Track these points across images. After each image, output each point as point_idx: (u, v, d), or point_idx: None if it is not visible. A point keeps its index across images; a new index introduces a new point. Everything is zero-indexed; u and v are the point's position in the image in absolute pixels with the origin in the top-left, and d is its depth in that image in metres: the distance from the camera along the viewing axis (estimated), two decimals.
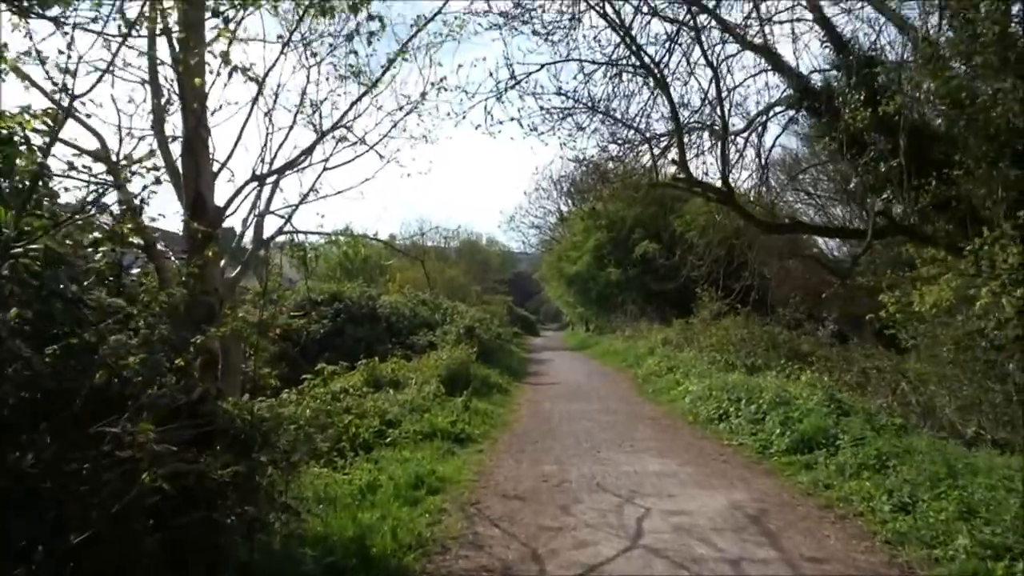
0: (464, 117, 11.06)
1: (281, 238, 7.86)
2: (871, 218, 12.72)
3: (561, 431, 11.72)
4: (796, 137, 22.36)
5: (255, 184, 6.69)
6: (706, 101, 14.78)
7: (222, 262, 6.50)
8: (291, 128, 7.44)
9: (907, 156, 12.54)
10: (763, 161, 16.85)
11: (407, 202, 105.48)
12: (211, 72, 6.02)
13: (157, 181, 5.84)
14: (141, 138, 6.28)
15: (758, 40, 14.93)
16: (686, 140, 15.77)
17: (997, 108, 11.57)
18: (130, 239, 6.07)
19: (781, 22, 15.25)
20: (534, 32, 13.53)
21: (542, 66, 12.25)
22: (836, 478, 7.73)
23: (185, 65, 5.72)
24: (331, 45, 7.43)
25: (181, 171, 6.22)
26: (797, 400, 10.52)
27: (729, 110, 13.34)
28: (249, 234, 7.66)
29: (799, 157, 23.98)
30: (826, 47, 15.53)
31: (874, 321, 25.56)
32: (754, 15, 14.55)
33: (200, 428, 5.40)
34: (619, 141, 16.58)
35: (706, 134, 16.23)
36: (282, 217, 7.58)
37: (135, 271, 6.51)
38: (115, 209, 6.12)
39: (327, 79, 7.89)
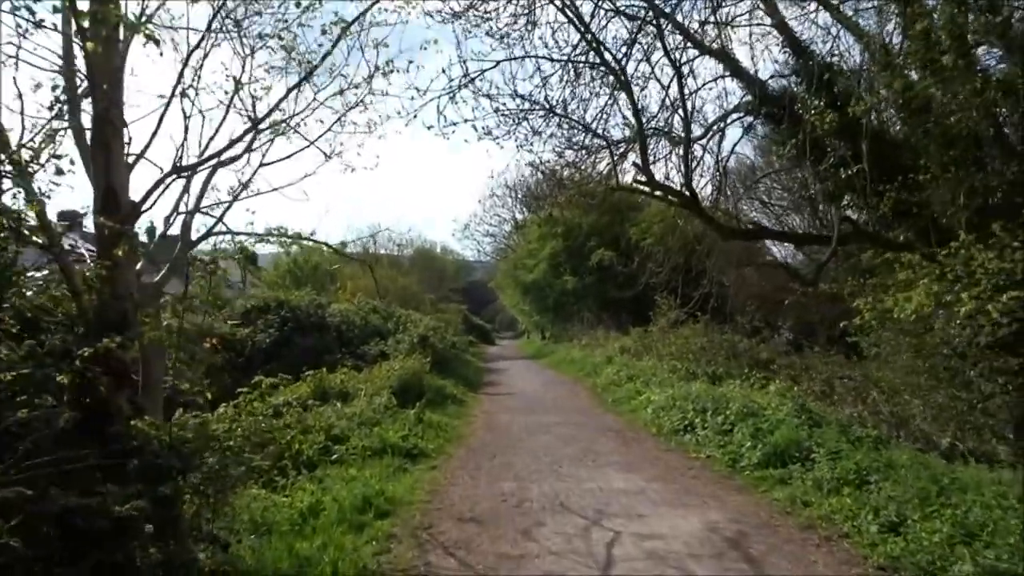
0: (415, 116, 10.38)
1: (213, 239, 7.12)
2: (836, 224, 12.43)
3: (520, 445, 11.10)
4: (751, 147, 22.20)
5: (176, 178, 5.94)
6: (665, 104, 14.38)
7: (139, 264, 5.74)
8: (223, 119, 6.75)
9: (869, 162, 12.30)
10: (722, 168, 16.56)
11: (357, 209, 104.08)
12: (124, 46, 5.30)
13: (59, 172, 5.11)
14: (55, 131, 5.58)
15: (715, 45, 14.62)
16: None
17: (956, 115, 11.43)
18: (33, 237, 5.33)
19: (739, 26, 14.97)
20: (488, 34, 12.99)
21: (497, 63, 11.69)
22: (814, 494, 7.26)
23: (91, 36, 4.98)
24: (262, 33, 6.78)
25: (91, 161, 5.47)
26: (766, 411, 10.08)
27: (691, 113, 12.94)
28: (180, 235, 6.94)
29: (754, 166, 23.82)
30: (785, 52, 15.30)
31: (828, 328, 25.54)
32: (712, 20, 14.22)
33: (108, 453, 4.66)
34: (576, 147, 16.15)
35: (663, 141, 15.89)
36: (212, 216, 6.86)
37: (40, 274, 5.74)
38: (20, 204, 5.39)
39: (265, 70, 7.22)
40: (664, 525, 6.62)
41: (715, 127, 15.80)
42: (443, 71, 11.33)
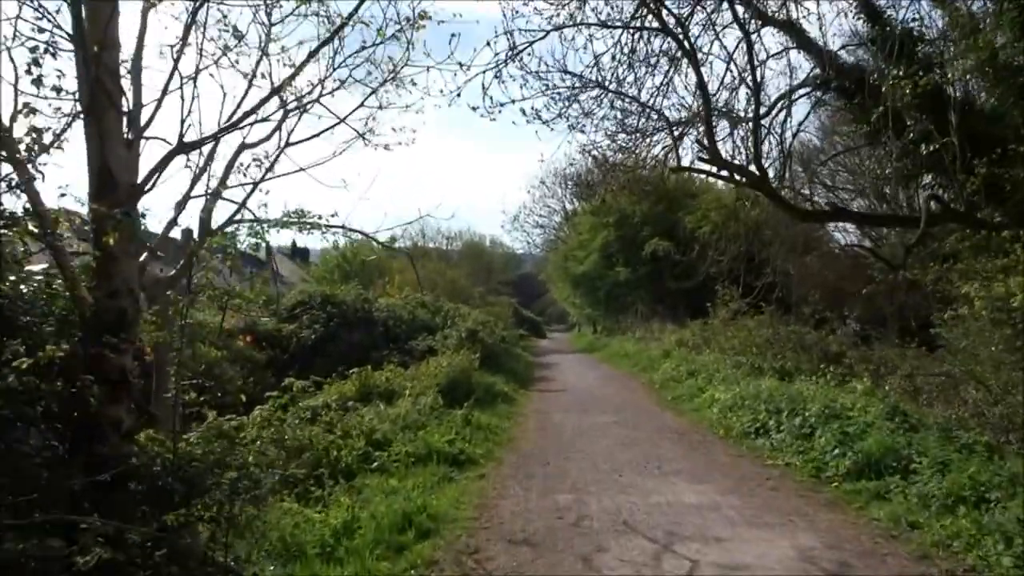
0: (459, 95, 9.56)
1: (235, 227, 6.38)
2: (924, 204, 11.24)
3: (575, 449, 10.24)
4: (813, 128, 20.79)
5: (184, 156, 5.22)
6: (725, 83, 13.26)
7: (143, 256, 5.04)
8: (245, 94, 5.99)
9: (958, 134, 11.09)
10: (787, 148, 15.37)
11: (397, 201, 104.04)
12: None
13: (44, 149, 4.43)
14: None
15: (781, 15, 13.47)
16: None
17: None
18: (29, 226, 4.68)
19: None
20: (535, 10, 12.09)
21: (547, 32, 10.76)
22: (921, 513, 6.24)
23: None
24: None
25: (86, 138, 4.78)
26: (851, 412, 9.03)
27: (760, 83, 11.85)
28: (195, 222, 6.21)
29: (820, 147, 22.38)
30: (859, 19, 14.05)
31: (901, 319, 24.02)
32: None
33: (90, 475, 3.95)
34: (629, 129, 15.19)
35: (723, 122, 14.80)
36: (233, 202, 6.12)
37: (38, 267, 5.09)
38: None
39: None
40: (749, 552, 5.69)
41: (781, 103, 14.63)
42: (488, 44, 10.40)
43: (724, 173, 11.64)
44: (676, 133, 13.88)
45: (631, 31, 11.38)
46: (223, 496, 4.70)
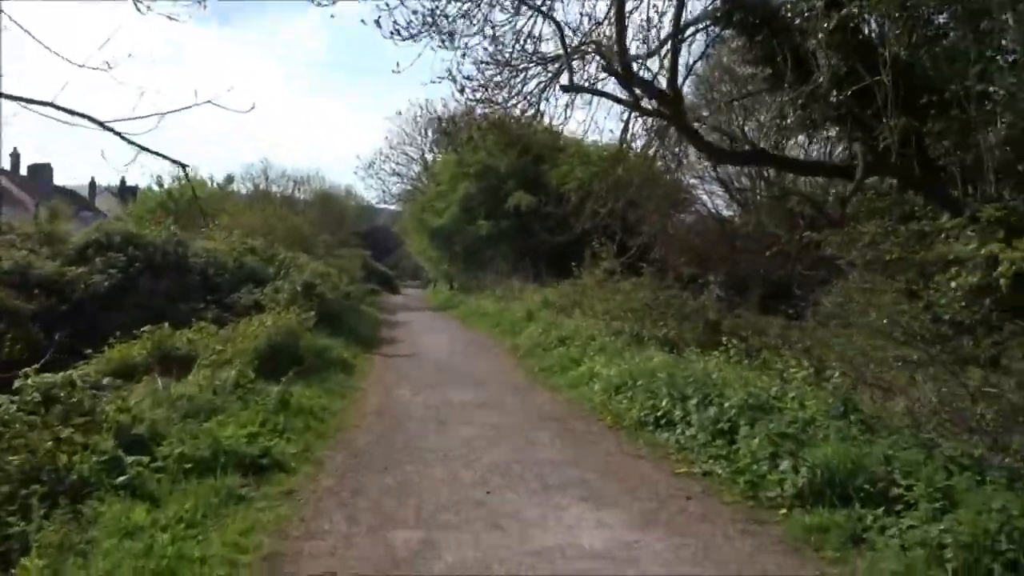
0: None
1: None
2: (861, 153, 9.46)
3: (426, 445, 7.70)
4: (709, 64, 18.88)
5: None
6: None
7: None
8: None
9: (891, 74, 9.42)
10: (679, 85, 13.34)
11: (251, 142, 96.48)
12: None
13: None
14: None
15: None
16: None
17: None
18: None
19: None
20: None
21: None
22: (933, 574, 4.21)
23: None
24: None
25: None
26: (781, 405, 7.04)
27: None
28: None
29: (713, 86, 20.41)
30: None
31: (762, 285, 23.17)
32: None
33: None
34: (499, 62, 12.73)
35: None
36: None
37: None
38: None
39: None
40: None
41: (677, 38, 12.51)
42: None
43: (623, 95, 9.32)
44: (567, 53, 11.51)
45: None
46: None
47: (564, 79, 10.60)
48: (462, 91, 13.12)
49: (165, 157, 5.40)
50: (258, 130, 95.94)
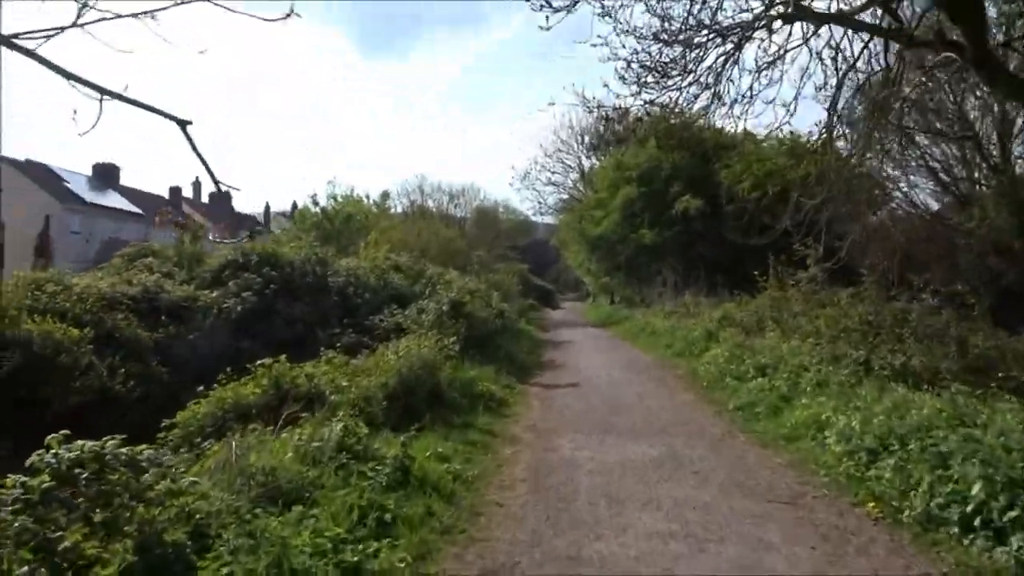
0: None
1: None
2: None
3: (597, 551, 5.16)
4: None
5: None
6: None
7: None
8: None
9: None
10: None
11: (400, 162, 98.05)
12: None
13: None
14: None
15: None
16: None
17: None
18: None
19: None
20: None
21: None
22: None
23: None
24: None
25: None
26: None
27: None
28: None
29: None
30: None
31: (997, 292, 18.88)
32: None
33: None
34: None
35: None
36: None
37: None
38: None
39: None
40: None
41: None
42: None
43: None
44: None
45: None
46: None
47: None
48: (628, 66, 10.68)
49: (160, 112, 3.28)
50: (416, 150, 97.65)
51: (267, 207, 63.23)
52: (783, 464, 7.30)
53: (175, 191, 53.62)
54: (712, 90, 11.17)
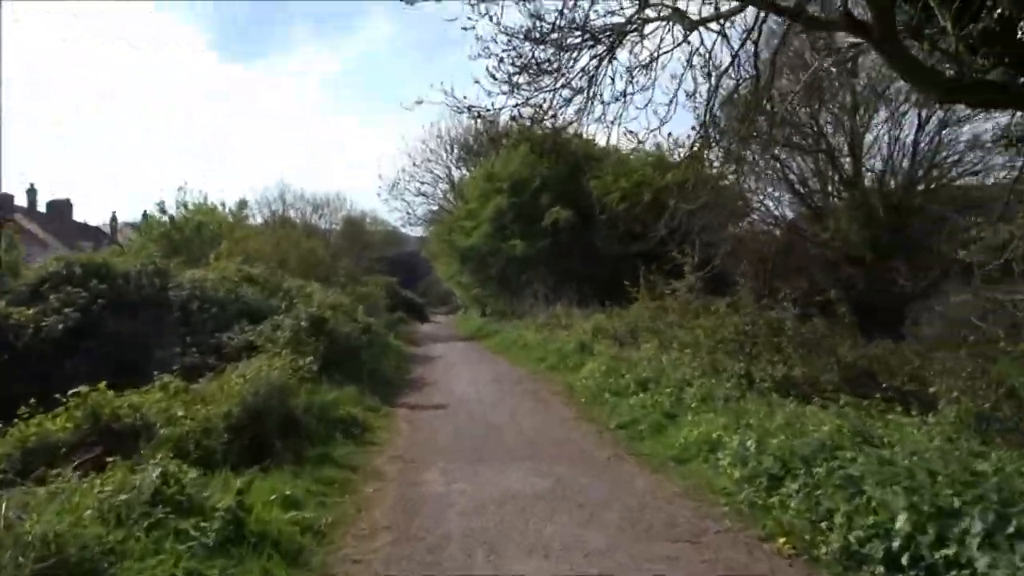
0: None
1: None
2: None
3: None
4: None
5: None
6: None
7: None
8: None
9: None
10: None
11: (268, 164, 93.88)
12: None
13: None
14: None
15: None
16: None
17: None
18: None
19: None
20: None
21: None
22: None
23: None
24: None
25: None
26: None
27: None
28: None
29: None
30: None
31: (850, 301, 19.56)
32: None
33: None
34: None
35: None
36: None
37: None
38: None
39: None
40: None
41: None
42: None
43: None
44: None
45: None
46: None
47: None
48: (499, 63, 9.88)
49: None
50: (284, 159, 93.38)
51: (114, 216, 58.26)
52: (678, 493, 6.61)
53: (7, 198, 48.30)
54: (585, 94, 10.63)
